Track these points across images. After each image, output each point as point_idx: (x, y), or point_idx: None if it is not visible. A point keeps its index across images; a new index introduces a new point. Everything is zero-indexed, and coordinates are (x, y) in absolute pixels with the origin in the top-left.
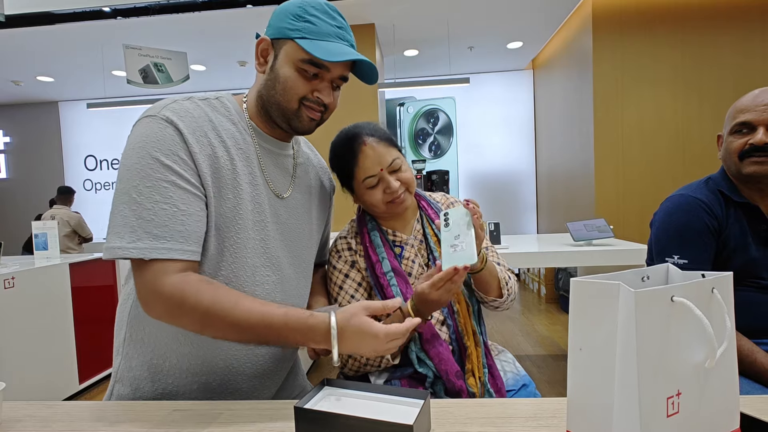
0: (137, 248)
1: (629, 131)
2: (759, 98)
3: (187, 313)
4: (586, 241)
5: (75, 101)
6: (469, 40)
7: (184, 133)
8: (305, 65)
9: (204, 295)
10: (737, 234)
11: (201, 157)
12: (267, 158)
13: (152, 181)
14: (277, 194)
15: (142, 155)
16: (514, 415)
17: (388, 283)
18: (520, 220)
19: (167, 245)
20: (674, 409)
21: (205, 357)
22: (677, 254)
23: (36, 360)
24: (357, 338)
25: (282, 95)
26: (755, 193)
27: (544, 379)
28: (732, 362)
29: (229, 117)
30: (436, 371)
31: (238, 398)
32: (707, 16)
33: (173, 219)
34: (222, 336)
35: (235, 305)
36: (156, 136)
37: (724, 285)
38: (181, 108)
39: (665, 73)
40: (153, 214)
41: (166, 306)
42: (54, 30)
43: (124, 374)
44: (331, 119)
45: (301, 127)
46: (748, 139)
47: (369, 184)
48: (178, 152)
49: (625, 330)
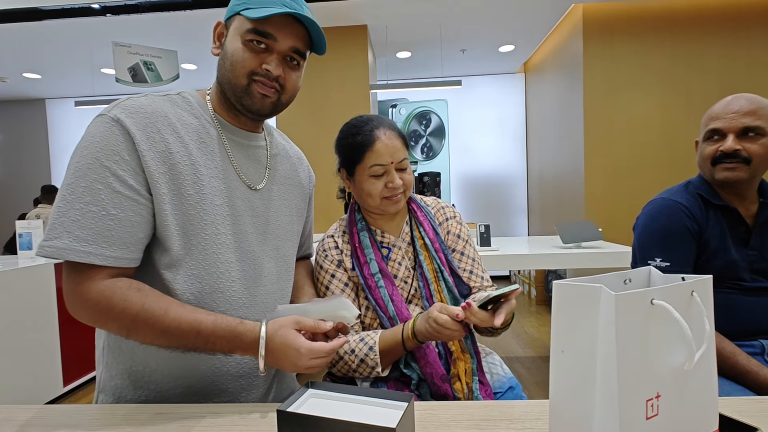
0: (54, 246)
1: (618, 135)
2: (730, 106)
3: (114, 320)
4: (575, 244)
5: (62, 99)
6: (462, 43)
7: (132, 131)
8: (250, 35)
9: (132, 302)
10: (717, 236)
11: (151, 154)
12: (237, 150)
13: (87, 181)
14: (250, 186)
15: (84, 155)
16: (498, 417)
17: (375, 285)
18: (511, 222)
19: (87, 248)
20: (653, 411)
21: (186, 359)
22: (659, 257)
23: (19, 362)
24: (280, 350)
25: (231, 71)
26: (732, 196)
27: (533, 381)
28: (711, 364)
29: (191, 111)
30: (421, 374)
31: (225, 399)
32: (694, 22)
33: (99, 223)
34: (149, 342)
35: (164, 313)
36: (101, 136)
37: (703, 288)
38: (133, 105)
39: (653, 77)
40: (80, 214)
41: (91, 312)
42: (41, 26)
43: (106, 384)
44: (323, 119)
45: (252, 104)
46: (719, 146)
47: (375, 172)
48: (120, 152)
49: (605, 332)
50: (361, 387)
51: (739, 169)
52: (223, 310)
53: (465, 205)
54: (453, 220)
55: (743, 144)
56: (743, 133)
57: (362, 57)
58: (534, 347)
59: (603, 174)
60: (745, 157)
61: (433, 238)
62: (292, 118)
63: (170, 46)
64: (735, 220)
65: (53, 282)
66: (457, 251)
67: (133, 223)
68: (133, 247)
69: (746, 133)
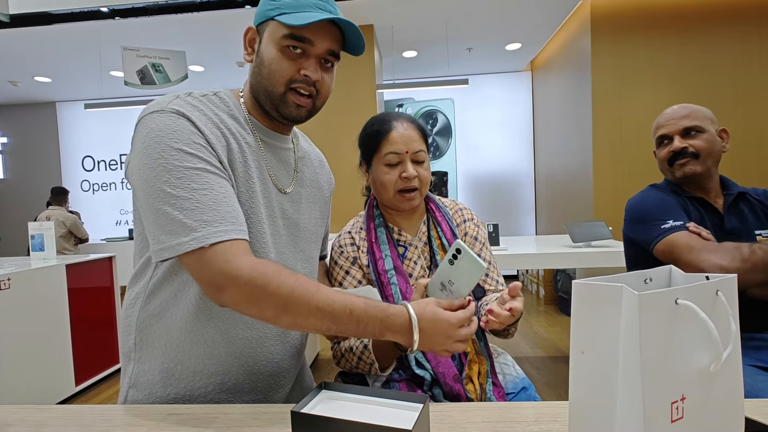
0: (195, 239)
1: (627, 132)
2: (668, 114)
3: (268, 297)
4: (585, 243)
5: (72, 102)
6: (468, 42)
7: (198, 124)
8: (287, 41)
9: (287, 277)
10: (697, 219)
11: (218, 147)
12: (269, 153)
13: (182, 171)
14: (280, 189)
15: (162, 149)
16: (515, 419)
17: (388, 281)
18: (519, 221)
19: (222, 228)
20: (678, 414)
21: (220, 357)
22: (671, 219)
23: (32, 362)
24: (431, 327)
25: (268, 80)
26: (698, 191)
27: (543, 381)
28: (737, 365)
29: (230, 112)
30: (433, 374)
31: (254, 397)
32: (704, 18)
33: (218, 203)
34: (299, 322)
35: (318, 290)
36: (171, 128)
37: (728, 286)
38: (185, 102)
39: (663, 75)
40: (196, 202)
41: (246, 290)
42: (52, 30)
43: (138, 379)
44: (330, 119)
45: (288, 113)
46: (669, 148)
47: (389, 160)
48: (197, 140)
49: (628, 333)
50: (374, 388)
51: (692, 163)
52: None
53: (472, 204)
54: (471, 222)
55: (688, 142)
56: (686, 133)
57: (368, 57)
58: (543, 347)
59: (612, 172)
60: (693, 153)
61: (450, 239)
62: None
63: (178, 47)
64: (707, 208)
65: (65, 283)
66: None
67: (235, 198)
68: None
69: (688, 132)
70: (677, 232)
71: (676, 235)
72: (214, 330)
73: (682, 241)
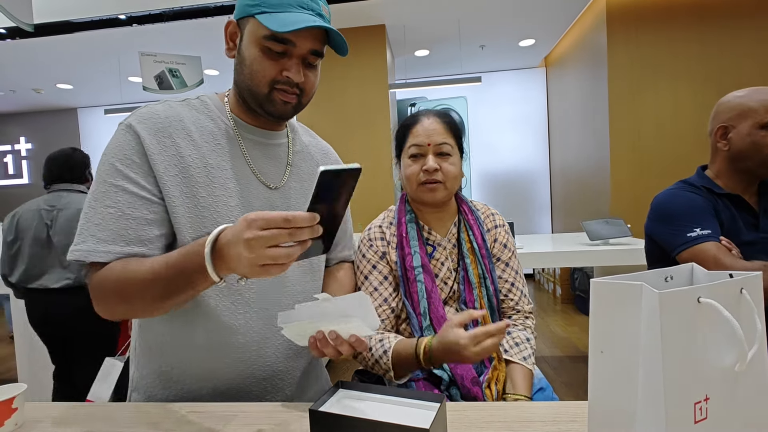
0: (81, 250)
1: (646, 128)
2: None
3: (109, 294)
4: (603, 241)
5: (93, 107)
6: (481, 39)
7: (142, 136)
8: (268, 42)
9: (115, 268)
10: (728, 219)
11: (161, 158)
12: (255, 150)
13: (105, 186)
14: (268, 185)
15: (103, 162)
16: (532, 419)
17: (414, 278)
18: (535, 219)
19: (108, 248)
20: (702, 415)
21: (212, 361)
22: (698, 227)
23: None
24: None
25: (250, 79)
26: (739, 186)
27: (561, 381)
28: (764, 365)
29: (208, 114)
30: (451, 375)
31: (248, 401)
32: (724, 8)
33: (117, 223)
34: (143, 303)
35: (141, 264)
36: (116, 143)
37: (753, 284)
38: (147, 112)
39: (683, 67)
40: (101, 218)
41: (94, 297)
42: (72, 38)
43: (138, 383)
44: (342, 119)
45: (275, 111)
46: None
47: (412, 152)
48: (131, 156)
49: (648, 332)
50: (391, 387)
51: None
52: (243, 312)
53: (487, 202)
54: (502, 229)
55: None
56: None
57: (381, 56)
58: (561, 347)
59: (629, 169)
60: None
61: (480, 244)
62: (312, 118)
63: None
64: (741, 206)
65: None
66: (502, 260)
67: (148, 221)
68: (150, 244)
69: None
70: (704, 243)
71: (703, 245)
72: (203, 335)
73: (710, 253)
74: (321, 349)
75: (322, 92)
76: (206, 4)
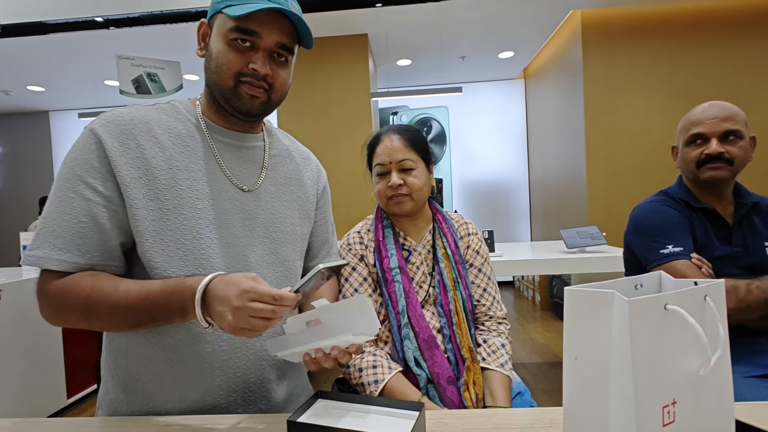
0: (35, 256)
1: (619, 139)
2: (707, 112)
3: (70, 308)
4: (580, 248)
5: (66, 111)
6: (462, 50)
7: (103, 139)
8: (234, 34)
9: (83, 286)
10: (702, 234)
11: (123, 160)
12: (227, 152)
13: (62, 191)
14: (241, 188)
15: (63, 166)
16: (510, 425)
17: (392, 279)
18: (514, 227)
19: (62, 257)
20: (670, 418)
21: (176, 373)
22: (671, 244)
23: (23, 374)
24: (223, 291)
25: (216, 73)
26: (711, 198)
27: (540, 388)
28: (726, 369)
29: (177, 117)
30: (429, 374)
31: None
32: (694, 27)
33: (72, 231)
34: (108, 323)
35: (115, 288)
36: (77, 148)
37: (716, 292)
38: (111, 115)
39: (654, 82)
40: (57, 224)
41: (51, 307)
42: (45, 40)
43: (102, 398)
44: (324, 127)
45: (242, 105)
46: (703, 149)
47: (378, 171)
48: (90, 161)
49: (619, 338)
50: (370, 396)
51: (723, 168)
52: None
53: (467, 211)
54: (474, 237)
55: (725, 147)
56: (724, 136)
57: (363, 65)
58: (540, 353)
59: (605, 178)
60: (728, 159)
61: (454, 250)
62: (293, 126)
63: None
64: (716, 221)
65: None
66: (474, 266)
67: (106, 230)
68: (108, 253)
69: (727, 136)
70: (675, 261)
71: (674, 264)
72: (166, 344)
73: (680, 272)
74: (319, 363)
75: (303, 99)
76: (186, 8)
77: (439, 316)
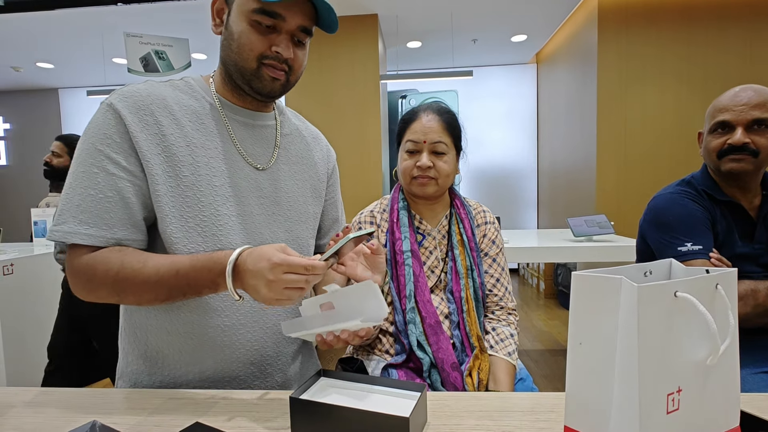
0: (61, 231)
1: (632, 127)
2: (738, 98)
3: (100, 284)
4: (587, 237)
5: (75, 88)
6: (473, 33)
7: (123, 114)
8: (257, 16)
9: (112, 262)
10: (724, 230)
11: (143, 135)
12: (241, 130)
13: (85, 166)
14: (255, 166)
15: (83, 141)
16: (511, 408)
17: (403, 262)
18: (521, 215)
19: (89, 231)
20: (674, 405)
21: (196, 345)
22: (689, 241)
23: (33, 347)
24: (254, 265)
25: (238, 54)
26: (736, 190)
27: (541, 374)
28: (734, 359)
29: (192, 94)
30: (433, 359)
31: (236, 386)
32: (713, 11)
33: (98, 205)
34: (139, 299)
35: (144, 263)
36: (96, 123)
37: (728, 281)
38: (128, 90)
39: (669, 68)
40: (81, 199)
41: (81, 283)
42: (54, 15)
43: (123, 370)
44: (333, 109)
45: (262, 87)
46: (726, 138)
47: (408, 147)
48: (112, 136)
49: (626, 325)
50: (373, 376)
51: (746, 161)
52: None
53: (474, 197)
54: (491, 226)
55: (751, 137)
56: (751, 125)
57: (372, 47)
58: (542, 340)
59: (615, 167)
60: (753, 150)
61: (470, 237)
62: (302, 107)
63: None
64: (739, 215)
65: None
66: (489, 256)
67: (131, 204)
68: (133, 228)
69: (755, 125)
70: (693, 260)
71: (691, 263)
72: (184, 318)
73: None
74: (331, 345)
75: (312, 80)
76: None
77: (449, 302)
